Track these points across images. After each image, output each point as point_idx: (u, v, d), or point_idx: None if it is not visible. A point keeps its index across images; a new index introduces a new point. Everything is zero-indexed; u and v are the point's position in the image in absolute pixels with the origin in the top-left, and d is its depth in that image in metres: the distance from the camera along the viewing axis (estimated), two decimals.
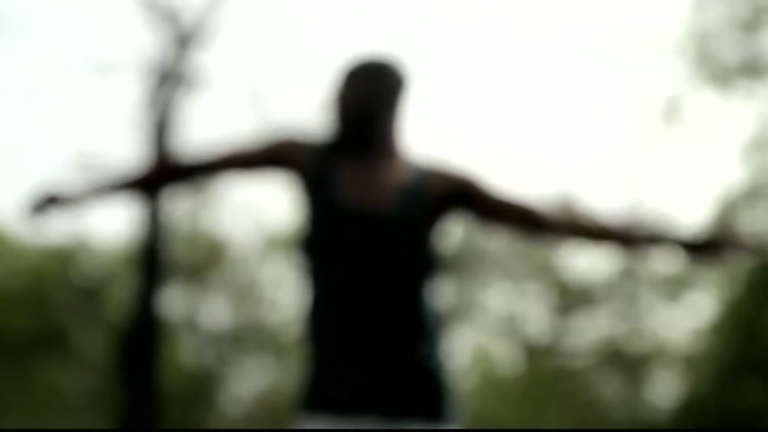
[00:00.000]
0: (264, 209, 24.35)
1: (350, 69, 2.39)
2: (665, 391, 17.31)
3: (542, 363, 18.60)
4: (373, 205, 2.32)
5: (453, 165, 2.42)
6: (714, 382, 15.08)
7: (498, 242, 18.83)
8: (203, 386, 17.51)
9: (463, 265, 18.88)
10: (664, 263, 17.90)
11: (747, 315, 14.63)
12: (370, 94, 2.35)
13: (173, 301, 13.67)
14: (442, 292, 2.35)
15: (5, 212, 17.35)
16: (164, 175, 2.41)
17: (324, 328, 2.28)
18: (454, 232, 18.70)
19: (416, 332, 2.29)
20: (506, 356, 19.86)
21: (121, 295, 15.51)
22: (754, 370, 14.36)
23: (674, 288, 17.17)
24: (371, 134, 2.35)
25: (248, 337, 18.17)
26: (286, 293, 18.19)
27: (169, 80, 13.25)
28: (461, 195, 2.38)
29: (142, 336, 12.59)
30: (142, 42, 13.47)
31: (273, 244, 17.72)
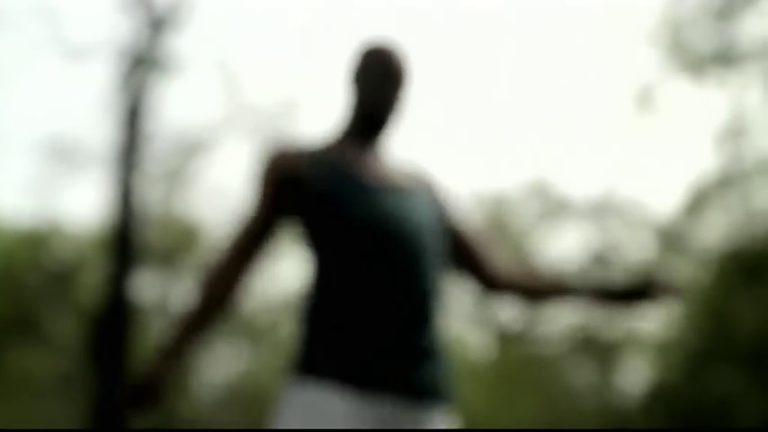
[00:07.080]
0: (237, 193, 24.32)
1: (372, 58, 2.43)
2: (635, 377, 17.41)
3: (515, 349, 18.67)
4: (394, 182, 2.35)
5: (444, 193, 2.48)
6: (684, 369, 15.20)
7: None
8: (175, 372, 17.46)
9: None
10: (637, 252, 17.98)
11: (718, 303, 14.75)
12: (390, 90, 2.40)
13: (145, 286, 13.63)
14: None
15: None
16: (215, 305, 2.40)
17: (352, 299, 2.21)
18: None
19: (436, 312, 2.28)
20: (479, 343, 19.93)
21: (93, 279, 15.44)
22: (723, 357, 14.48)
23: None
24: (384, 126, 2.41)
25: (221, 322, 18.13)
26: (259, 279, 18.16)
27: (142, 64, 13.18)
28: (452, 237, 2.48)
29: (114, 320, 12.55)
30: (115, 26, 13.37)
31: None
